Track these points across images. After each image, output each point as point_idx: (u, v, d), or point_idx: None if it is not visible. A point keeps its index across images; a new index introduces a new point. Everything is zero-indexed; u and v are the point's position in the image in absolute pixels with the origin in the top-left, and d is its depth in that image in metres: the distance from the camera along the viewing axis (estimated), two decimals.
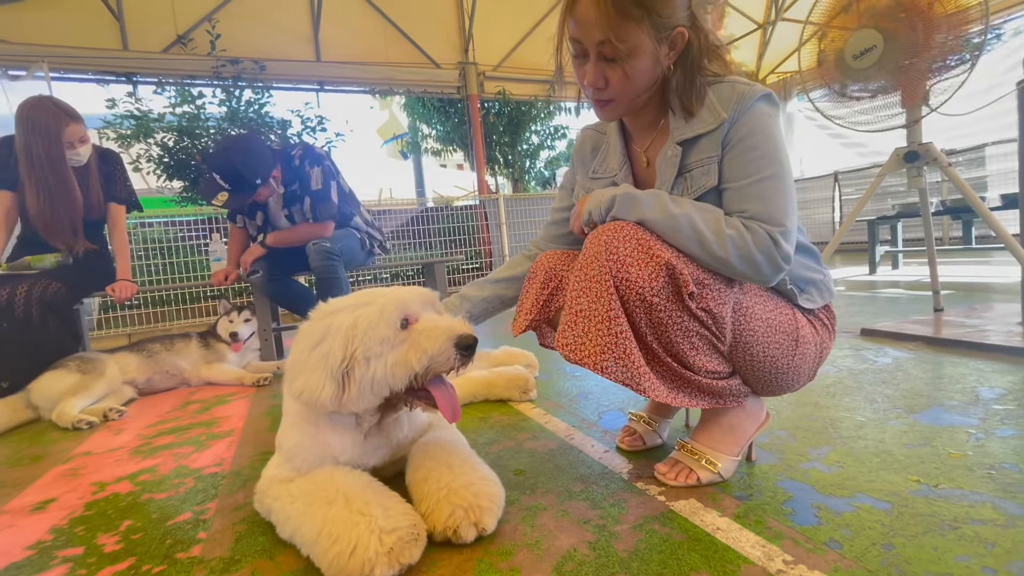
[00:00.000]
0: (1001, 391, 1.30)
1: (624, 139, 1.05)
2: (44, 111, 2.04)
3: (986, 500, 0.83)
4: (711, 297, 0.85)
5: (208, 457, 1.35)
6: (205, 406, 1.89)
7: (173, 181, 5.01)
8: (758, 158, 0.85)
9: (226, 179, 2.07)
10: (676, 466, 0.98)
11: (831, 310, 1.01)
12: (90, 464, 1.38)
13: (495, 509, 0.83)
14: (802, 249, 0.96)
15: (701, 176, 0.89)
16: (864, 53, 1.96)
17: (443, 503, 0.81)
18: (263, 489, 0.93)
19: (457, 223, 5.82)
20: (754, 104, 0.86)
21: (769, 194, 0.84)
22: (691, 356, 0.87)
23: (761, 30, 7.48)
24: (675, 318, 0.84)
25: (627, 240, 0.83)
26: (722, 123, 0.87)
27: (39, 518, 1.07)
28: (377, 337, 0.83)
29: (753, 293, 0.91)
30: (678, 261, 0.82)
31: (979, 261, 4.36)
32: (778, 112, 0.90)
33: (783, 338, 0.91)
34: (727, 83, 0.90)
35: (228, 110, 5.02)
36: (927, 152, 2.01)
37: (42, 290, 2.05)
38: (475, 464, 0.91)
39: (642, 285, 0.81)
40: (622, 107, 0.94)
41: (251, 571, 0.81)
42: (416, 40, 6.26)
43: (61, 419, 1.75)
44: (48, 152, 2.04)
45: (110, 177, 2.31)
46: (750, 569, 0.71)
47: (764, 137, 0.86)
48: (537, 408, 1.49)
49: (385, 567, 0.71)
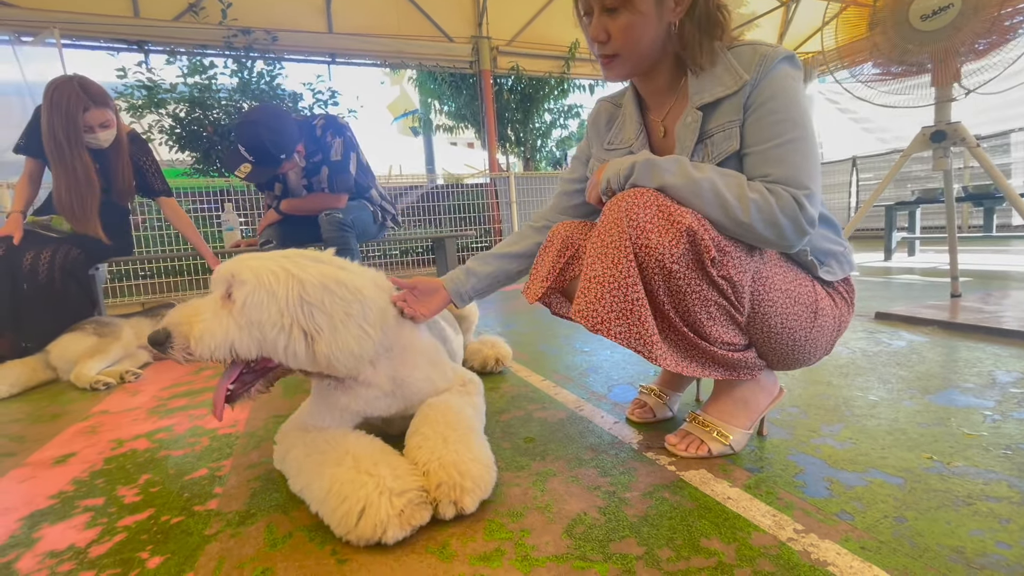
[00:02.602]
0: (1018, 375, 1.28)
1: (640, 109, 1.02)
2: (66, 93, 2.03)
3: (1001, 479, 0.82)
4: (732, 265, 0.83)
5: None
6: (218, 372, 1.91)
7: (185, 152, 5.01)
8: (781, 120, 0.82)
9: (251, 152, 2.06)
10: (687, 437, 0.98)
11: (850, 283, 0.99)
12: (108, 422, 1.41)
13: (477, 491, 0.79)
14: (823, 220, 0.94)
15: (723, 141, 0.87)
16: (936, 13, 1.85)
17: (429, 476, 0.80)
18: (284, 431, 0.98)
19: (467, 200, 5.79)
20: (777, 65, 0.84)
21: (793, 157, 0.81)
22: (708, 326, 0.86)
23: (783, 8, 7.26)
24: (694, 286, 0.83)
25: (647, 206, 0.81)
26: (744, 85, 0.84)
27: (60, 471, 1.10)
28: None
29: (773, 263, 0.90)
30: (700, 226, 0.80)
31: (998, 249, 4.27)
32: (801, 74, 0.87)
33: (802, 310, 0.90)
34: (748, 46, 0.87)
35: (240, 81, 4.98)
36: (955, 132, 1.95)
37: (64, 255, 2.10)
38: (471, 441, 0.86)
39: (663, 251, 0.80)
40: (628, 64, 0.91)
41: (266, 524, 0.82)
42: (429, 13, 6.15)
43: (79, 380, 1.78)
44: (66, 133, 2.05)
45: (142, 169, 2.31)
46: (760, 537, 0.71)
47: (787, 100, 0.83)
48: (547, 380, 1.49)
49: (397, 529, 0.72)
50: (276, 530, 0.81)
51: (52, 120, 2.04)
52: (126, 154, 2.23)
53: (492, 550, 0.72)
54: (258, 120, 2.05)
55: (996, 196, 3.61)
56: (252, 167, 2.08)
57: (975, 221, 5.40)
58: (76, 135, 2.06)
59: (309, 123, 2.28)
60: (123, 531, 0.83)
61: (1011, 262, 3.45)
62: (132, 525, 0.85)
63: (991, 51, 1.86)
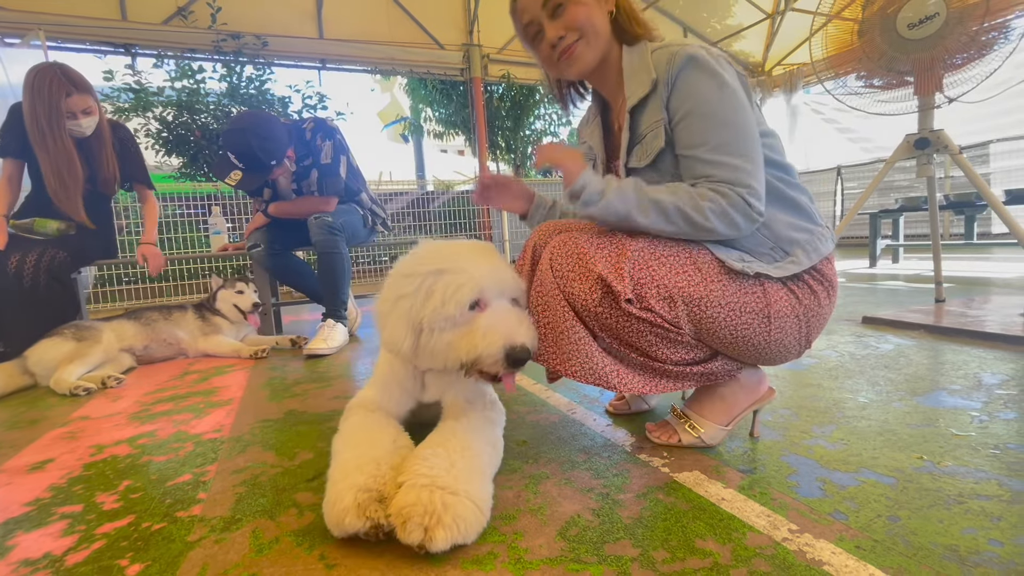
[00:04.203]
0: (1004, 377, 1.30)
1: (602, 108, 1.11)
2: (47, 78, 2.00)
3: (991, 478, 0.83)
4: (652, 295, 0.86)
5: (207, 424, 1.34)
6: (204, 376, 1.88)
7: (172, 157, 4.94)
8: (710, 125, 0.87)
9: (240, 159, 2.03)
10: (663, 427, 1.05)
11: (822, 270, 0.93)
12: (88, 428, 1.37)
13: (454, 529, 0.69)
14: (789, 205, 0.93)
15: (652, 140, 0.93)
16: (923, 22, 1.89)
17: (415, 490, 0.72)
18: (348, 407, 1.04)
19: (457, 206, 5.79)
20: (683, 68, 0.88)
21: (731, 159, 0.86)
22: (653, 351, 0.91)
23: (769, 20, 7.40)
24: (622, 323, 0.88)
25: (568, 256, 0.89)
26: (655, 83, 0.91)
27: (37, 477, 1.06)
28: (443, 314, 0.84)
29: (709, 281, 0.87)
30: (611, 272, 0.85)
31: (979, 257, 4.36)
32: (713, 70, 0.87)
33: (751, 318, 0.88)
34: (663, 47, 0.93)
35: (228, 86, 4.94)
36: (938, 139, 1.99)
37: (50, 259, 2.07)
38: (471, 479, 0.76)
39: (584, 298, 0.87)
40: (590, 45, 0.97)
41: (252, 530, 0.80)
42: (420, 20, 6.17)
43: (59, 386, 1.73)
44: (48, 119, 2.01)
45: (126, 156, 2.29)
46: (755, 537, 0.71)
47: (707, 101, 0.87)
48: (538, 384, 1.48)
49: (354, 518, 0.71)
50: (262, 535, 0.78)
51: (34, 106, 2.00)
52: (109, 143, 2.21)
53: (485, 553, 0.71)
54: (247, 127, 2.03)
55: (977, 204, 3.69)
56: (242, 174, 2.05)
57: (956, 229, 5.51)
58: (59, 120, 2.03)
59: (299, 127, 2.26)
60: (102, 538, 0.81)
61: (992, 269, 3.52)
62: (111, 532, 0.82)
63: (967, 65, 1.91)
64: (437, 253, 0.91)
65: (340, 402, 1.45)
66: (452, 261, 0.88)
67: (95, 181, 2.20)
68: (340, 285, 2.24)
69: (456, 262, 0.88)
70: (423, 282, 0.87)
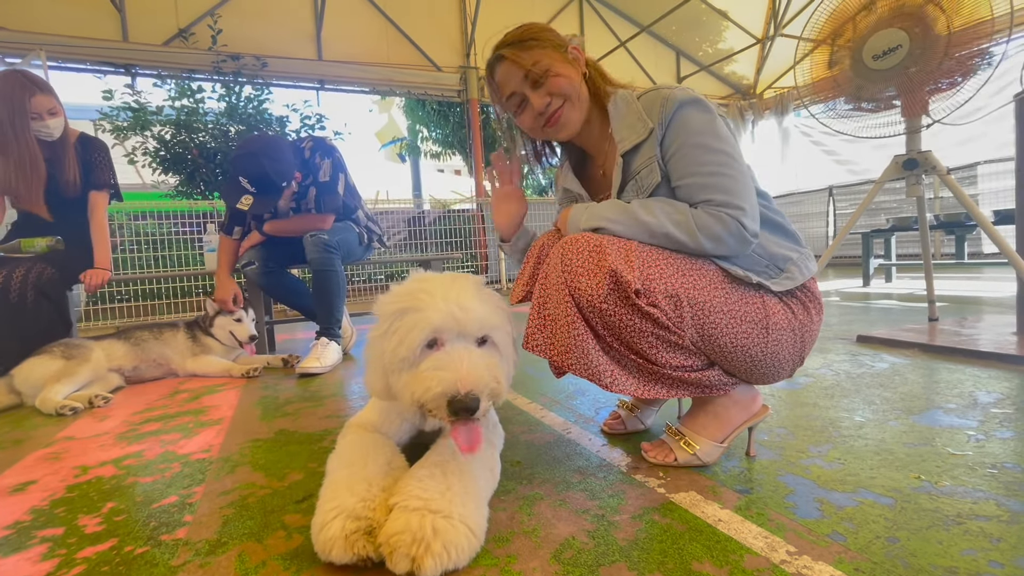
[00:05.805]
0: (999, 395, 1.30)
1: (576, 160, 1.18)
2: (10, 81, 2.04)
3: (990, 497, 0.82)
4: (659, 290, 0.88)
5: (196, 444, 1.32)
6: (194, 395, 1.85)
7: (169, 175, 4.96)
8: (704, 154, 0.92)
9: (253, 183, 2.02)
10: (659, 446, 1.04)
11: (811, 288, 0.99)
12: (73, 448, 1.34)
13: (444, 556, 0.67)
14: (776, 228, 1.00)
15: (647, 176, 0.97)
16: (886, 54, 1.96)
17: (406, 514, 0.70)
18: (347, 424, 1.04)
19: (454, 225, 5.82)
20: (681, 108, 0.94)
21: (725, 183, 0.90)
22: (652, 353, 0.91)
23: (759, 45, 7.59)
24: (626, 321, 0.88)
25: (580, 251, 0.90)
26: (651, 130, 0.95)
27: (18, 499, 1.03)
28: (399, 355, 0.81)
29: (714, 287, 0.91)
30: (623, 264, 0.87)
31: (970, 276, 4.40)
32: (707, 108, 0.94)
33: (751, 327, 0.92)
34: (652, 92, 0.98)
35: (227, 105, 4.99)
36: (926, 160, 2.03)
37: (37, 275, 2.04)
38: (467, 503, 0.74)
39: (591, 293, 0.87)
40: (575, 107, 1.02)
41: (238, 553, 0.78)
42: (418, 42, 6.29)
43: (45, 405, 1.70)
44: (12, 120, 2.03)
45: (90, 164, 2.27)
46: (753, 559, 0.69)
47: (702, 133, 0.92)
48: (533, 403, 1.47)
49: (341, 551, 0.69)
50: (248, 560, 0.76)
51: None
52: (72, 146, 2.21)
53: None
54: (258, 151, 2.03)
55: (967, 224, 3.74)
56: (254, 199, 2.05)
57: (947, 249, 5.57)
58: (23, 120, 2.05)
59: (298, 146, 2.28)
60: (82, 563, 0.78)
61: (983, 288, 3.55)
62: (92, 556, 0.80)
63: (951, 90, 1.95)
64: (409, 290, 0.87)
65: (332, 421, 1.43)
66: (416, 300, 0.84)
67: (56, 181, 2.19)
68: (335, 303, 2.23)
69: (420, 301, 0.83)
70: (391, 323, 0.85)
